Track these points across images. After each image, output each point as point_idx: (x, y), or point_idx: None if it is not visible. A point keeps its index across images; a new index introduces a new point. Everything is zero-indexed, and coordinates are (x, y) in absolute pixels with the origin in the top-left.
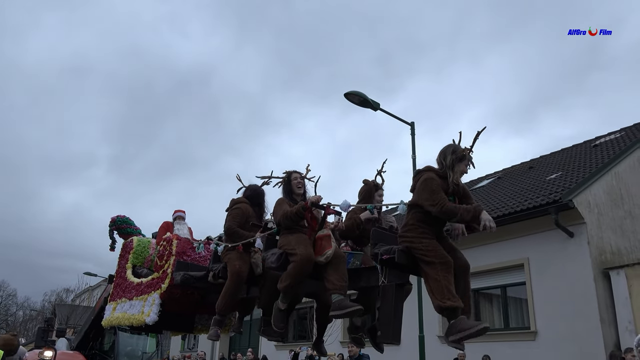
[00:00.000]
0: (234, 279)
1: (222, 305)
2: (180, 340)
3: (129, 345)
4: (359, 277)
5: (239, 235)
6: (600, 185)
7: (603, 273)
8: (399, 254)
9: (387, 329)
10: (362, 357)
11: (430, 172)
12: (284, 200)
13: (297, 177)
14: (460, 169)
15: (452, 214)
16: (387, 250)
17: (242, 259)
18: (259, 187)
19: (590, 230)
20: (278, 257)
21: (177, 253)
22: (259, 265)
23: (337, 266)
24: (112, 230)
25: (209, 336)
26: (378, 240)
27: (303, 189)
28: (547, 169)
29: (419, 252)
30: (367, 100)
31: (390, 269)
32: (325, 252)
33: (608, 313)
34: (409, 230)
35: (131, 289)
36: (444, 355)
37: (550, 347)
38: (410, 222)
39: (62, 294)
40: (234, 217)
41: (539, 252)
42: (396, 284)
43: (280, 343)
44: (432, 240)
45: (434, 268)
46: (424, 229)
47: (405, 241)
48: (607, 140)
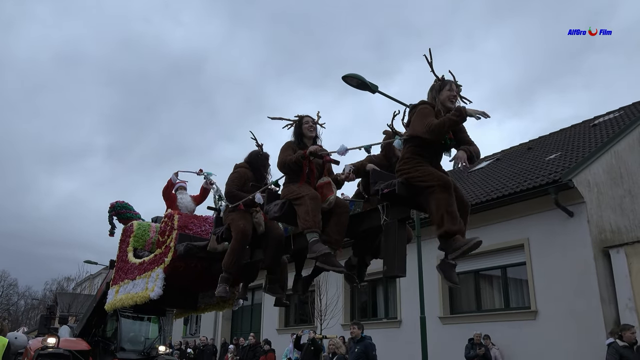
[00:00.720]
0: (239, 237)
1: (228, 262)
2: (182, 325)
3: (131, 331)
4: (361, 221)
5: (238, 197)
6: (600, 165)
7: (603, 252)
8: (400, 185)
9: (392, 262)
10: (364, 338)
11: (424, 104)
12: (289, 146)
13: (309, 121)
14: (443, 96)
15: (440, 126)
16: (387, 184)
17: (245, 218)
18: (260, 152)
19: (590, 210)
20: (281, 206)
21: (179, 227)
22: (261, 224)
23: (339, 217)
24: (111, 215)
25: (218, 292)
26: (377, 179)
27: (314, 133)
28: (546, 150)
29: (417, 180)
30: (365, 82)
31: (392, 205)
32: (327, 198)
33: (608, 291)
34: (405, 162)
35: (133, 270)
36: (446, 336)
37: (551, 326)
38: (406, 156)
39: (63, 283)
40: (232, 181)
41: (539, 232)
42: (398, 220)
43: (283, 327)
44: (427, 166)
45: (433, 191)
46: (418, 159)
47: (402, 173)
48: (606, 120)
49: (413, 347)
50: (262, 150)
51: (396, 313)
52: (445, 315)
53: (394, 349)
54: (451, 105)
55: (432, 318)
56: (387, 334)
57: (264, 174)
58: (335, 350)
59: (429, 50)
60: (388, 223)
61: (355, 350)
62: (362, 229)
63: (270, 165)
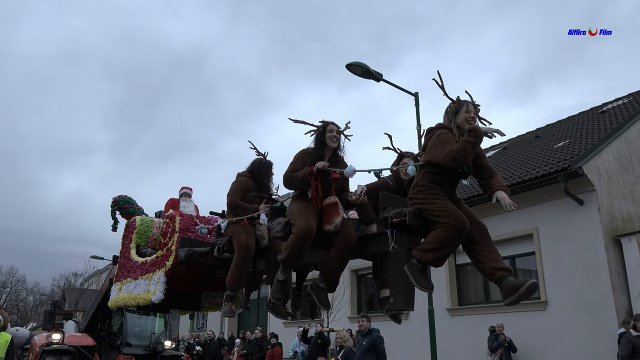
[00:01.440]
0: (242, 252)
1: (232, 279)
2: (188, 320)
3: (137, 326)
4: (369, 244)
5: (241, 208)
6: (610, 151)
7: (614, 240)
8: (410, 216)
9: (399, 295)
10: (372, 331)
11: (442, 129)
12: (303, 155)
13: (334, 130)
14: (460, 120)
15: (462, 152)
16: (398, 213)
17: (247, 231)
18: (263, 160)
19: (600, 197)
20: (283, 227)
21: (180, 230)
22: (264, 237)
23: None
24: (114, 210)
25: (224, 313)
26: (387, 204)
27: (337, 143)
28: (553, 138)
29: (432, 214)
30: (369, 71)
31: (401, 233)
32: (333, 220)
33: (620, 280)
34: (420, 191)
35: (136, 269)
36: (454, 328)
37: (561, 316)
38: (420, 183)
39: (70, 279)
40: (234, 191)
41: (549, 221)
42: (407, 249)
43: (289, 320)
44: (444, 200)
45: (445, 229)
46: (435, 189)
47: (415, 203)
48: (614, 107)
49: (421, 339)
50: (265, 159)
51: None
52: (454, 307)
53: (402, 341)
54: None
55: (440, 310)
56: (394, 326)
57: (267, 183)
58: (342, 344)
59: (437, 73)
60: (397, 251)
61: (363, 343)
62: (369, 252)
63: (273, 174)
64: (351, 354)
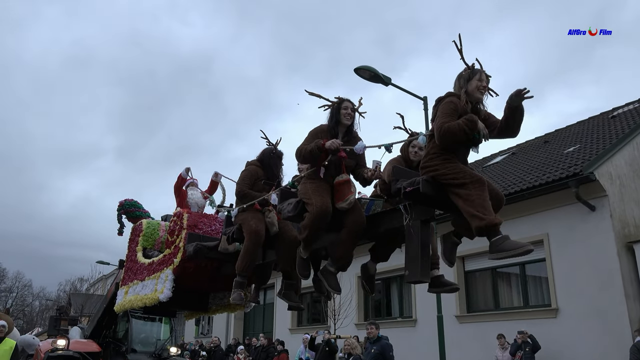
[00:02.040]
0: (252, 237)
1: (242, 265)
2: (194, 326)
3: (142, 332)
4: (381, 221)
5: (250, 196)
6: (622, 156)
7: (627, 247)
8: (424, 183)
9: (415, 266)
10: (380, 338)
11: (451, 97)
12: (318, 132)
13: (349, 107)
14: (472, 87)
15: (452, 133)
16: (411, 182)
17: (257, 217)
18: (273, 150)
19: (612, 203)
20: (295, 206)
21: (188, 226)
22: (274, 223)
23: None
24: (120, 214)
25: (233, 299)
26: (399, 176)
27: (351, 121)
28: (563, 143)
29: (447, 177)
30: (378, 75)
31: (414, 204)
32: (347, 197)
33: (633, 287)
34: (431, 158)
35: (143, 270)
36: (464, 336)
37: (572, 324)
38: (432, 152)
39: (76, 284)
40: (242, 180)
41: (559, 227)
42: (421, 221)
43: (295, 327)
44: (457, 163)
45: (465, 188)
46: (446, 155)
47: (428, 171)
48: (625, 111)
49: (429, 347)
50: (276, 149)
51: (411, 312)
52: (462, 314)
53: (410, 348)
54: (480, 96)
55: (449, 317)
56: (402, 333)
57: (277, 172)
58: (350, 351)
59: (458, 36)
60: (411, 224)
61: (372, 350)
62: (382, 230)
63: (283, 164)
64: None
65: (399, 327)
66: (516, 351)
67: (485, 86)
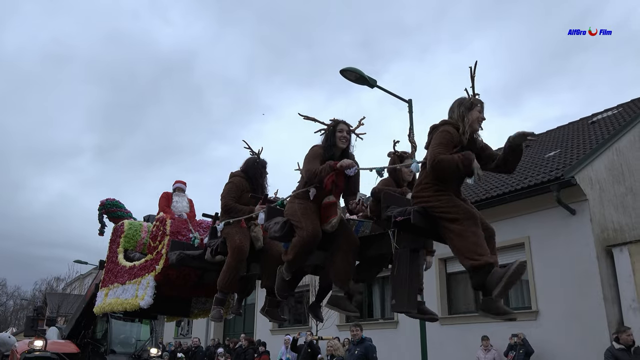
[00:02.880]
0: (235, 254)
1: (223, 282)
2: (174, 326)
3: (122, 333)
4: (369, 245)
5: (236, 210)
6: (602, 161)
7: (606, 250)
8: (415, 214)
9: (402, 295)
10: (364, 340)
11: (446, 126)
12: (317, 154)
13: (344, 130)
14: (472, 118)
15: (447, 166)
16: (402, 212)
17: (242, 232)
18: (257, 160)
19: (592, 207)
20: (282, 226)
21: (171, 233)
22: (259, 238)
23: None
24: (101, 214)
25: (212, 317)
26: (390, 203)
27: (347, 144)
28: (544, 147)
29: (439, 210)
30: (363, 77)
31: (404, 233)
32: (330, 220)
33: (611, 291)
34: (424, 189)
35: (123, 274)
36: (445, 337)
37: (552, 326)
38: (424, 181)
39: (52, 283)
40: (228, 193)
41: (540, 230)
42: (410, 250)
43: (276, 328)
44: (450, 196)
45: (459, 224)
46: (439, 186)
47: (420, 201)
48: (604, 117)
49: (411, 349)
50: (259, 158)
51: (393, 314)
52: (444, 316)
53: (391, 350)
54: (478, 128)
55: None
56: (383, 334)
57: (262, 182)
58: (333, 352)
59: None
60: (399, 252)
61: (355, 352)
62: (370, 253)
63: (268, 173)
64: None
65: (380, 329)
66: (509, 352)
67: (484, 118)
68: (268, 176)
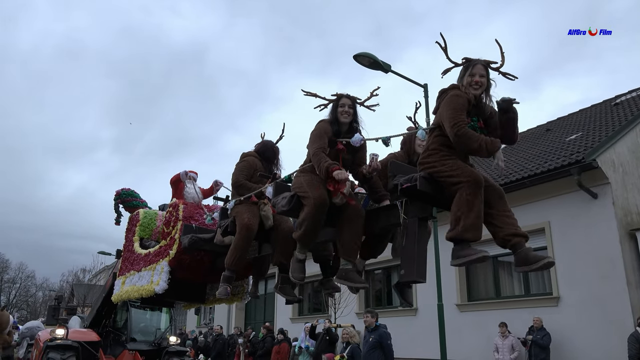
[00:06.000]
0: (243, 232)
1: (231, 259)
2: (194, 316)
3: (142, 322)
4: (377, 218)
5: (246, 187)
6: (625, 144)
7: (629, 234)
8: (421, 180)
9: (411, 265)
10: (378, 327)
11: (457, 90)
12: (323, 131)
13: (346, 104)
14: (465, 84)
15: (469, 140)
16: (408, 179)
17: (251, 211)
18: (272, 143)
19: (615, 191)
20: (289, 200)
21: (184, 217)
22: (269, 217)
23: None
24: (117, 203)
25: (219, 294)
26: (396, 172)
27: (350, 119)
28: (565, 130)
29: (444, 175)
30: (377, 62)
31: (412, 201)
32: (339, 193)
33: (635, 275)
34: (430, 154)
35: (139, 261)
36: (464, 324)
37: (573, 312)
38: (431, 147)
39: (79, 274)
40: (240, 170)
41: (561, 215)
42: (419, 219)
43: (296, 316)
44: (455, 160)
45: (460, 188)
46: (446, 152)
47: (426, 167)
48: (628, 98)
49: (430, 335)
50: (276, 144)
51: (412, 300)
52: (463, 303)
53: (410, 337)
54: (475, 92)
55: (449, 305)
56: (403, 322)
57: (275, 164)
58: (349, 340)
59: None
60: (407, 222)
61: (370, 339)
62: (379, 226)
63: (280, 160)
64: (357, 351)
65: (399, 316)
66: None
67: (477, 81)
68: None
